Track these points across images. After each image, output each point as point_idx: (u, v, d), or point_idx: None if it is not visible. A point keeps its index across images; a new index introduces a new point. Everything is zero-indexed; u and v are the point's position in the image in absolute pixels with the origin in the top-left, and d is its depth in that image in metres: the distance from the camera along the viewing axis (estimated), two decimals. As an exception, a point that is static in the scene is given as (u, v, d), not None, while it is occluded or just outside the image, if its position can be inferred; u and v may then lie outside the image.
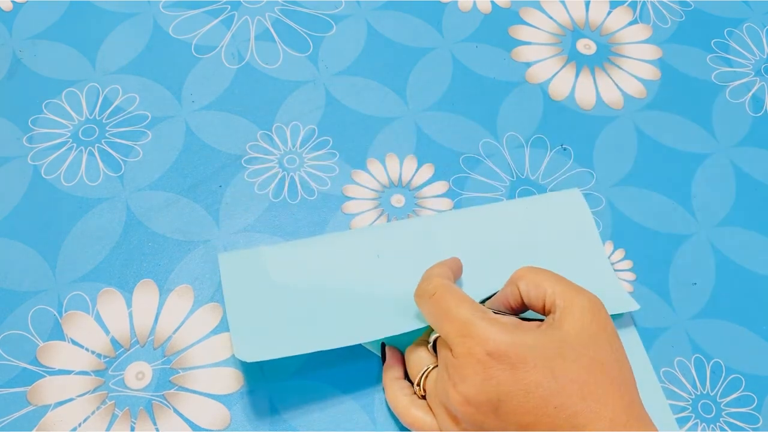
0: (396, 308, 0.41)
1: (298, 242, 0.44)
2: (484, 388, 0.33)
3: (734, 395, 0.42)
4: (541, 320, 0.36)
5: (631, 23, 0.57)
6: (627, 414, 0.33)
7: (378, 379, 0.41)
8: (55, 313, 0.42)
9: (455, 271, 0.41)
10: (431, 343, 0.38)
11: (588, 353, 0.33)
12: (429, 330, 0.39)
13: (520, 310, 0.38)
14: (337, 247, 0.44)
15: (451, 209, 0.47)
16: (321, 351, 0.38)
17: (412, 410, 0.38)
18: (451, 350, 0.35)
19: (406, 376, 0.40)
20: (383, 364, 0.40)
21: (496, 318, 0.35)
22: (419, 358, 0.38)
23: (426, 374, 0.37)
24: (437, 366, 0.37)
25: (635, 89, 0.53)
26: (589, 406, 0.32)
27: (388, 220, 0.46)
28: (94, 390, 0.40)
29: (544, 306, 0.36)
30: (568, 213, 0.46)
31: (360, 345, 0.41)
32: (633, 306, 0.42)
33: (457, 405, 0.34)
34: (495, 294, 0.39)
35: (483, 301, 0.40)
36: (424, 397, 0.38)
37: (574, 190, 0.47)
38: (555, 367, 0.33)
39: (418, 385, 0.38)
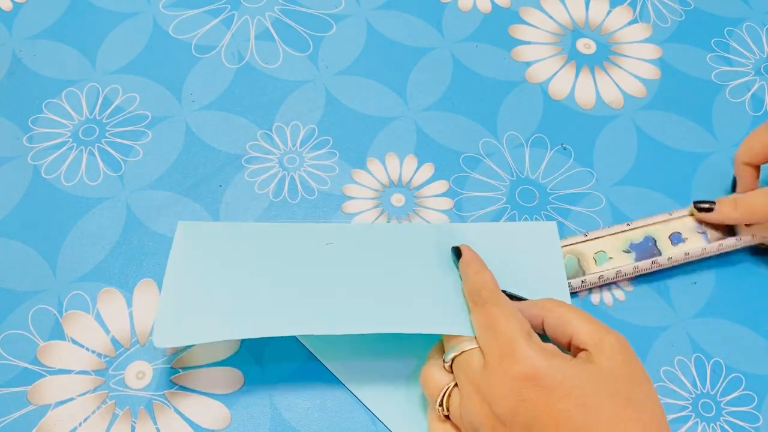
0: (338, 308, 0.40)
1: (256, 224, 0.44)
2: (518, 410, 0.33)
3: (734, 394, 0.42)
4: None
5: (630, 23, 0.57)
6: None
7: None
8: (56, 312, 0.42)
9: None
10: (449, 362, 0.37)
11: (622, 391, 0.33)
12: (439, 347, 0.39)
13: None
14: (293, 236, 0.43)
15: (422, 222, 0.47)
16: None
17: None
18: (484, 365, 0.34)
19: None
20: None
21: (539, 342, 0.34)
22: (437, 378, 0.37)
23: (448, 393, 0.36)
24: (456, 384, 0.36)
25: (635, 89, 0.53)
26: None
27: (388, 220, 0.46)
28: (95, 389, 0.40)
29: (569, 342, 0.36)
30: (540, 245, 0.45)
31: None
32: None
33: (488, 424, 0.34)
34: (522, 300, 0.39)
35: (511, 296, 0.39)
36: (447, 417, 0.37)
37: (551, 223, 0.46)
38: (588, 400, 0.32)
39: (441, 405, 0.36)
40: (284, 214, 0.46)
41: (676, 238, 0.43)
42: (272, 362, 0.41)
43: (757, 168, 0.45)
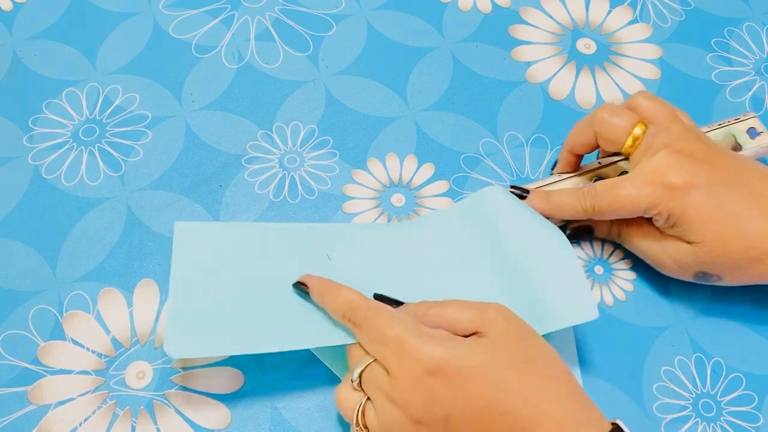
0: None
1: (255, 224, 0.44)
2: (430, 408, 0.33)
3: (734, 394, 0.42)
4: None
5: (631, 23, 0.57)
6: (571, 405, 0.33)
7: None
8: (56, 312, 0.42)
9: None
10: (356, 380, 0.36)
11: (518, 352, 0.34)
12: (347, 368, 0.38)
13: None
14: (291, 238, 0.43)
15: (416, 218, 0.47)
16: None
17: None
18: (388, 373, 0.34)
19: None
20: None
21: (428, 332, 0.34)
22: (348, 397, 0.36)
23: (361, 411, 0.36)
24: (369, 399, 0.36)
25: (635, 88, 0.53)
26: (532, 408, 0.32)
27: (389, 220, 0.46)
28: (95, 389, 0.40)
29: (457, 333, 0.35)
30: (545, 228, 0.44)
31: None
32: (592, 314, 0.40)
33: (408, 429, 0.34)
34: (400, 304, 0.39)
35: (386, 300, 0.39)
36: None
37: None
38: (491, 375, 0.33)
39: (358, 424, 0.36)
40: (284, 215, 0.46)
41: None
42: (272, 362, 0.41)
43: (580, 156, 0.46)
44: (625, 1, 0.58)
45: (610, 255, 0.46)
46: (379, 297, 0.40)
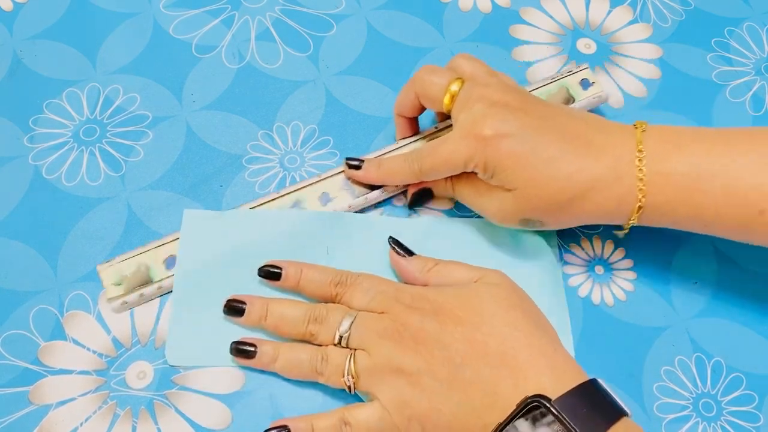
0: None
1: (261, 212, 0.44)
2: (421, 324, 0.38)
3: (735, 394, 0.42)
4: None
5: (631, 22, 0.57)
6: (552, 354, 0.36)
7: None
8: (57, 312, 0.42)
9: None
10: (346, 334, 0.39)
11: (507, 300, 0.38)
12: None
13: None
14: (295, 227, 0.44)
15: (418, 217, 0.47)
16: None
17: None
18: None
19: None
20: None
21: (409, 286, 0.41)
22: (336, 356, 0.39)
23: (353, 359, 0.38)
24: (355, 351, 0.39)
25: (636, 88, 0.53)
26: (509, 348, 0.36)
27: (389, 220, 0.46)
28: (96, 389, 0.40)
29: None
30: (535, 242, 0.45)
31: None
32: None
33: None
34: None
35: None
36: None
37: None
38: (477, 317, 0.37)
39: (346, 375, 0.38)
40: (285, 214, 0.46)
41: (324, 198, 0.45)
42: (273, 362, 0.41)
43: (413, 119, 0.47)
44: (625, 1, 0.58)
45: (610, 255, 0.46)
46: (394, 241, 0.43)
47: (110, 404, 0.39)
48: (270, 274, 0.41)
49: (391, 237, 0.43)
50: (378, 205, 0.47)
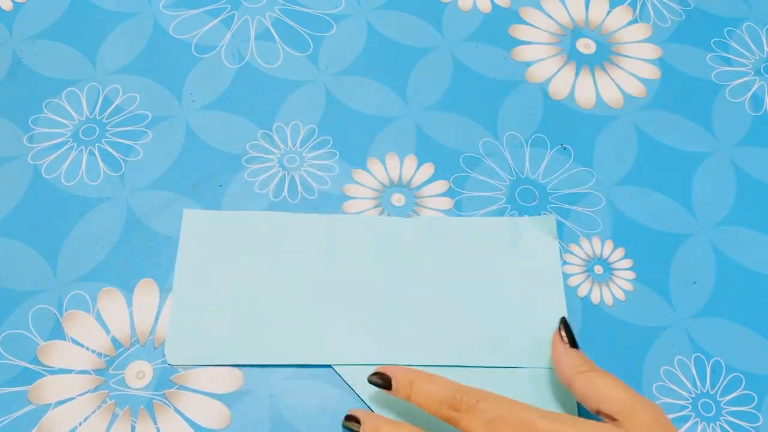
0: (344, 332, 0.42)
1: (261, 213, 0.45)
2: None
3: (734, 394, 0.42)
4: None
5: (630, 23, 0.57)
6: None
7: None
8: (56, 312, 0.42)
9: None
10: None
11: None
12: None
13: None
14: (295, 230, 0.44)
15: (424, 217, 0.47)
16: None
17: None
18: None
19: None
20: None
21: (555, 416, 0.34)
22: None
23: None
24: None
25: (635, 89, 0.53)
26: None
27: (389, 220, 0.46)
28: (95, 389, 0.40)
29: (599, 410, 0.35)
30: (537, 239, 0.45)
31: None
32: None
33: None
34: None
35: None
36: None
37: (550, 217, 0.47)
38: None
39: None
40: (284, 214, 0.46)
41: None
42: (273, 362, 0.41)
43: None
44: (625, 1, 0.58)
45: (610, 254, 0.46)
46: (565, 325, 0.40)
47: (109, 404, 0.39)
48: (379, 382, 0.38)
49: (564, 318, 0.40)
50: (377, 205, 0.47)
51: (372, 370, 0.39)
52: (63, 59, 0.51)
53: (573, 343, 0.39)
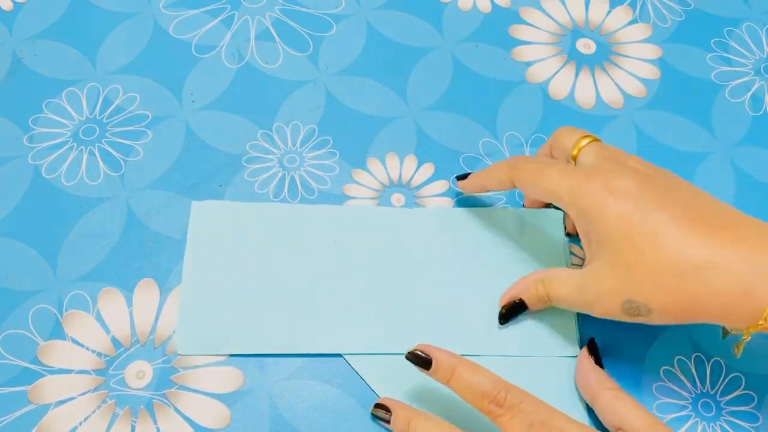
0: (352, 321, 0.42)
1: (269, 205, 0.45)
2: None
3: (734, 394, 0.42)
4: None
5: (630, 23, 0.57)
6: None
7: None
8: (56, 312, 0.42)
9: None
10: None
11: None
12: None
13: None
14: (303, 221, 0.45)
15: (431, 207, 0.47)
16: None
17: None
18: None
19: None
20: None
21: (590, 429, 0.35)
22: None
23: None
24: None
25: (635, 89, 0.53)
26: None
27: (389, 220, 0.46)
28: (95, 389, 0.40)
29: (620, 427, 0.36)
30: (544, 230, 0.46)
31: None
32: (573, 351, 0.42)
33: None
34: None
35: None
36: None
37: (558, 212, 0.47)
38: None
39: None
40: (284, 214, 0.46)
41: None
42: (272, 362, 0.41)
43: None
44: (624, 1, 0.58)
45: (610, 255, 0.46)
46: (592, 345, 0.41)
47: (109, 404, 0.39)
48: (419, 360, 0.38)
49: (593, 339, 0.41)
50: (377, 206, 0.47)
51: (382, 359, 0.40)
52: (63, 59, 0.51)
53: (599, 362, 0.40)
